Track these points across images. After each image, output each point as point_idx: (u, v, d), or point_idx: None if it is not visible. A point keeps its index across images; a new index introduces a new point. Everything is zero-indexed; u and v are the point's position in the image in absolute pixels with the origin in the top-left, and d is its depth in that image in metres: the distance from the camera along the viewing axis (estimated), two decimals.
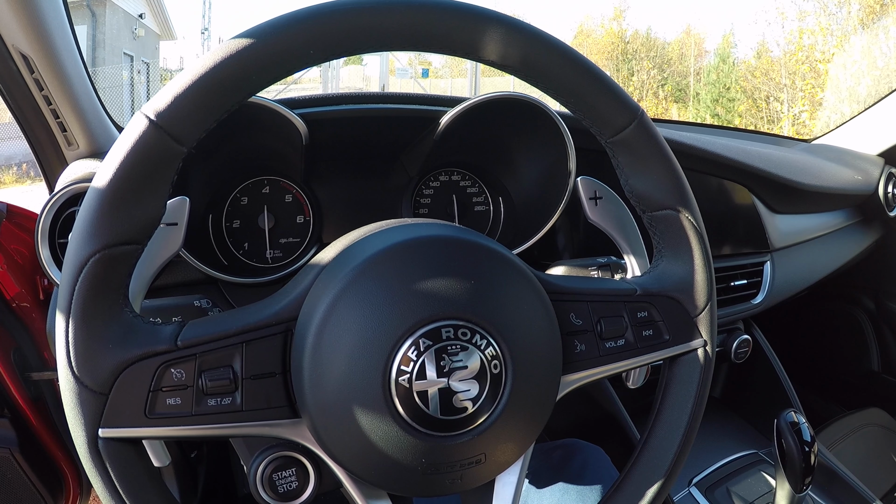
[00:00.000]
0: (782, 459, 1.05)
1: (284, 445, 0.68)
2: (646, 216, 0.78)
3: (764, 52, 21.54)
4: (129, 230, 0.57)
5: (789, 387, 1.98)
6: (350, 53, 0.61)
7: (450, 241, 0.65)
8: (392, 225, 0.71)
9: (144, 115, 0.56)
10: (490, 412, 0.61)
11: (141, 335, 0.59)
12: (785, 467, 1.04)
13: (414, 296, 0.60)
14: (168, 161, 0.57)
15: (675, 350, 0.77)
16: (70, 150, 1.25)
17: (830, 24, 16.60)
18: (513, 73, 0.67)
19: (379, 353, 0.58)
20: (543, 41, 0.65)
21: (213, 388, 0.59)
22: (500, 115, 1.16)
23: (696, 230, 0.76)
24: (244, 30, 0.58)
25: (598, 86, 0.69)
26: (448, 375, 0.59)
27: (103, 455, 0.57)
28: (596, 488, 1.18)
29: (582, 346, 0.73)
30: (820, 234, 2.01)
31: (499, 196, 1.38)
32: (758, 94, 19.59)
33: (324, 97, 1.22)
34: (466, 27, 0.62)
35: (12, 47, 1.07)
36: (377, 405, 0.58)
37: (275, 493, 0.67)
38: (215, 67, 0.56)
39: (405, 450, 0.59)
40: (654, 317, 0.76)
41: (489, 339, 0.61)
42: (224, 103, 0.58)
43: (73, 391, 0.56)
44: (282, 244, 1.25)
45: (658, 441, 0.77)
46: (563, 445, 1.33)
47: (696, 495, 1.58)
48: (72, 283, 0.55)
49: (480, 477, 0.66)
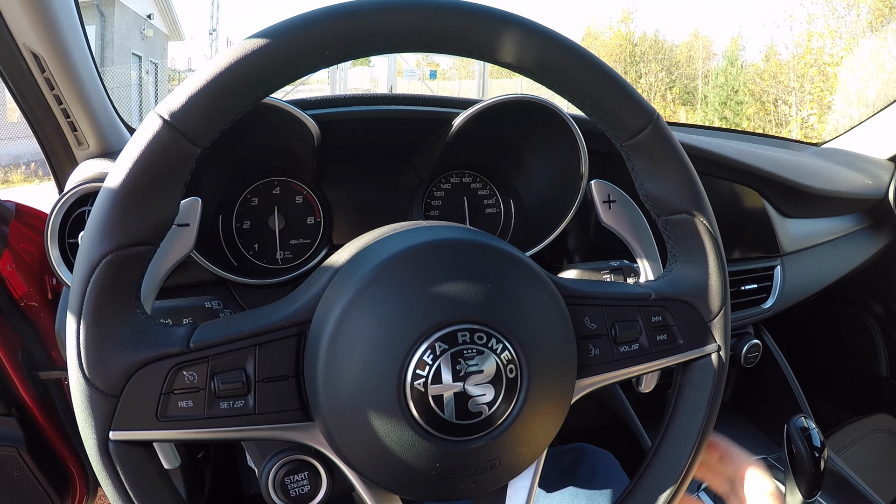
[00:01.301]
0: (792, 465, 1.03)
1: (296, 449, 0.67)
2: (660, 220, 0.77)
3: (772, 54, 21.51)
4: (141, 231, 0.56)
5: (799, 392, 1.97)
6: (365, 55, 0.61)
7: (466, 244, 0.65)
8: (407, 227, 0.70)
9: (158, 115, 0.55)
10: (505, 416, 0.61)
11: (153, 337, 0.58)
12: (795, 473, 1.03)
13: (430, 299, 0.59)
14: (182, 162, 0.57)
15: (690, 355, 0.76)
16: (80, 150, 1.25)
17: (839, 27, 16.57)
18: (528, 75, 0.66)
19: (394, 356, 0.57)
20: (560, 43, 0.65)
21: (225, 391, 0.59)
22: (513, 117, 1.16)
23: (711, 234, 0.75)
24: (259, 30, 0.57)
25: (615, 89, 0.68)
26: (464, 379, 0.58)
27: (114, 458, 0.56)
28: (606, 493, 1.17)
29: (596, 351, 0.72)
30: (830, 238, 2.00)
31: (510, 198, 1.37)
32: (766, 98, 19.55)
33: (335, 98, 1.21)
34: (483, 28, 0.61)
35: (23, 46, 1.06)
36: (392, 409, 0.57)
37: (287, 496, 0.66)
38: (230, 68, 0.55)
39: (419, 454, 0.59)
40: (668, 321, 0.76)
41: (505, 342, 0.60)
42: (239, 104, 0.57)
43: (83, 393, 0.55)
44: (292, 245, 1.25)
45: (671, 447, 0.76)
46: (573, 450, 1.32)
47: (705, 500, 1.57)
48: (83, 285, 0.55)
49: (494, 482, 0.65)
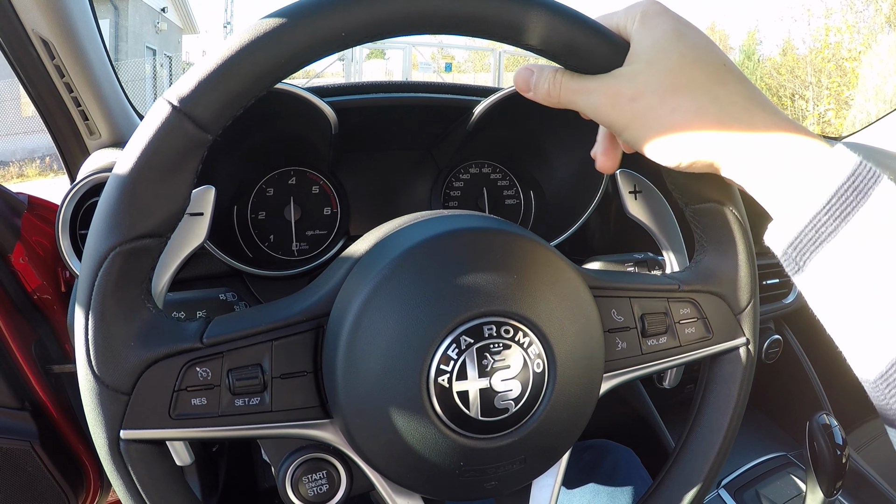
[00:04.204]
0: (814, 463, 1.03)
1: (314, 447, 0.65)
2: (688, 209, 0.75)
3: (789, 49, 21.43)
4: (151, 222, 0.54)
5: (819, 388, 1.95)
6: (384, 37, 0.58)
7: (491, 234, 0.62)
8: (429, 216, 0.67)
9: (167, 101, 0.53)
10: (532, 413, 0.59)
11: (164, 332, 0.56)
12: (816, 471, 1.02)
13: (454, 291, 0.57)
14: (192, 149, 0.54)
15: (718, 348, 0.74)
16: (92, 140, 1.23)
17: (857, 22, 16.48)
18: (552, 58, 0.64)
19: (417, 351, 0.55)
20: (588, 26, 0.62)
21: (240, 388, 0.57)
22: (534, 106, 1.13)
23: (741, 224, 0.73)
24: (273, 11, 0.55)
25: None
26: (490, 375, 0.56)
27: (125, 457, 0.55)
28: (627, 490, 1.17)
29: (623, 344, 0.70)
30: None
31: (530, 189, 1.35)
32: (783, 92, 19.47)
33: (353, 86, 1.19)
34: (509, 10, 0.59)
35: (32, 32, 1.05)
36: (414, 406, 0.55)
37: (304, 496, 0.65)
38: (242, 51, 0.52)
39: (442, 452, 0.57)
40: (696, 313, 0.74)
41: (532, 336, 0.58)
42: (251, 89, 0.54)
43: (93, 391, 0.54)
44: (308, 236, 1.23)
45: (698, 444, 0.75)
46: (594, 446, 1.32)
47: (724, 497, 1.56)
48: (91, 278, 0.53)
49: (519, 480, 0.64)
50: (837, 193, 0.49)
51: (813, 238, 0.51)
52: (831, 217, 0.50)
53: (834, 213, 0.49)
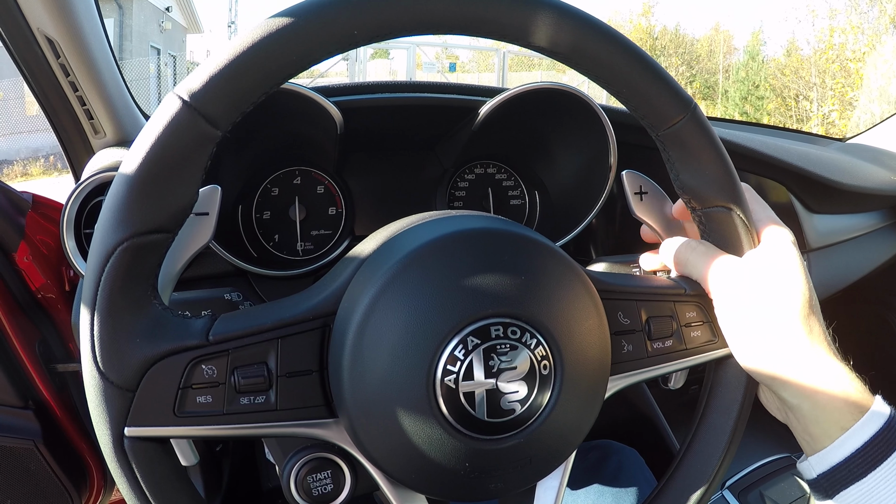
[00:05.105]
0: None
1: (319, 446, 0.65)
2: (696, 212, 0.75)
3: (794, 49, 21.45)
4: (159, 217, 0.54)
5: None
6: (395, 36, 0.58)
7: (499, 234, 0.62)
8: (436, 217, 0.67)
9: (177, 96, 0.52)
10: (538, 414, 0.59)
11: (170, 329, 0.56)
12: None
13: (461, 291, 0.57)
14: (202, 145, 0.54)
15: (724, 351, 0.74)
16: (97, 139, 1.23)
17: (861, 23, 16.46)
18: (562, 59, 0.63)
19: (424, 351, 0.55)
20: (596, 28, 0.62)
21: (246, 386, 0.56)
22: (540, 106, 1.14)
23: (748, 229, 0.73)
24: (284, 8, 0.54)
25: (652, 76, 0.65)
26: (496, 376, 0.56)
27: (129, 455, 0.54)
28: (631, 491, 1.16)
29: (629, 347, 0.70)
30: (855, 235, 1.96)
31: (535, 190, 1.35)
32: (787, 93, 19.48)
33: (358, 85, 1.20)
34: (518, 11, 0.59)
35: (37, 30, 1.05)
36: (420, 406, 0.55)
37: (309, 495, 0.65)
38: (253, 47, 0.52)
39: (448, 453, 0.57)
40: (703, 317, 0.74)
41: (539, 337, 0.58)
42: (262, 85, 0.54)
43: (97, 388, 0.53)
44: (313, 236, 1.23)
45: (702, 445, 0.74)
46: (598, 446, 1.31)
47: (728, 498, 1.55)
48: (97, 274, 0.53)
49: (524, 481, 0.64)
50: (873, 441, 0.61)
51: (846, 475, 0.62)
52: (865, 460, 0.61)
53: (867, 457, 0.61)
